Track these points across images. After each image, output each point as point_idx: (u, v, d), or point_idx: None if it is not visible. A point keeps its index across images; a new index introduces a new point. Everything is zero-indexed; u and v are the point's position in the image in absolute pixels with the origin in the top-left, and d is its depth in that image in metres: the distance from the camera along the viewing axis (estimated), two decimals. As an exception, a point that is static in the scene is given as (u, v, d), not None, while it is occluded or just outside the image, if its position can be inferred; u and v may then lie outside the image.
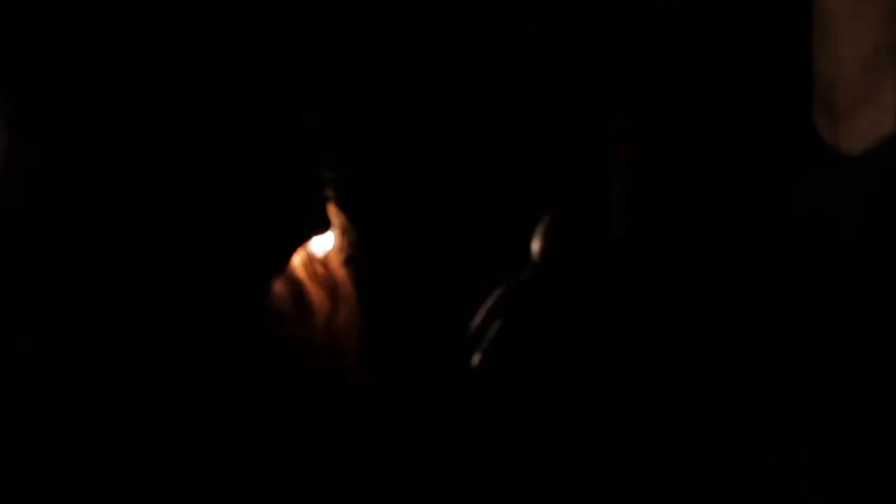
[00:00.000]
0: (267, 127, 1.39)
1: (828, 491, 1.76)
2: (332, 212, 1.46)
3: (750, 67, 2.18)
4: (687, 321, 2.06)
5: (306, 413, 1.46)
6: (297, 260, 1.40)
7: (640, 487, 2.02)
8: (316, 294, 1.35)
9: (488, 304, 1.53)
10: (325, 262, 1.40)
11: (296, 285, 1.38)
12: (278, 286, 1.37)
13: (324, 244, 1.47)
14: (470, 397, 1.46)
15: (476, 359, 1.47)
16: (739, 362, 2.05)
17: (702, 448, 2.03)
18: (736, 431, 2.02)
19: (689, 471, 2.03)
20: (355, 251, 1.46)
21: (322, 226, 1.39)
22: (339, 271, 1.42)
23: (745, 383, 2.05)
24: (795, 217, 1.90)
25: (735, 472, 2.00)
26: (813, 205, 1.84)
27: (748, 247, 2.02)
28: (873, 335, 1.75)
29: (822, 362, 1.85)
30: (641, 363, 2.03)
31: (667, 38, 2.70)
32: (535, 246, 1.55)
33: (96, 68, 1.35)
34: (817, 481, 1.80)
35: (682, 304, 2.04)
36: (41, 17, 1.32)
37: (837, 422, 1.80)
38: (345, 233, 1.48)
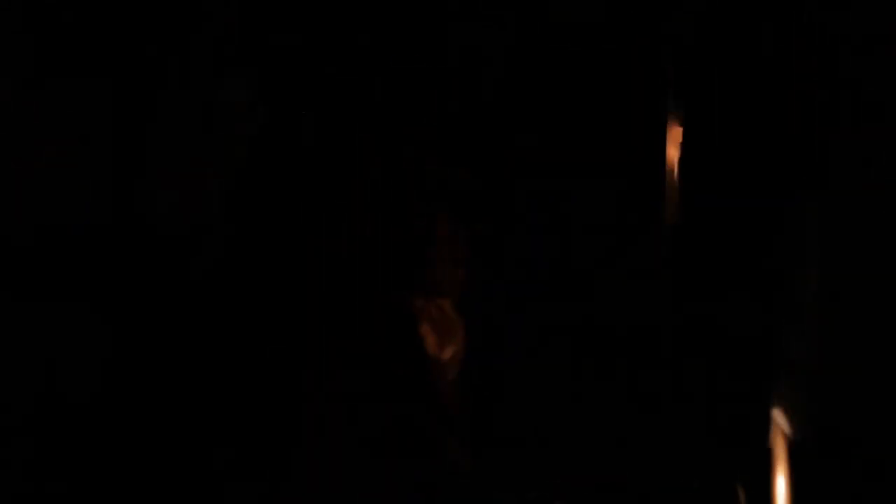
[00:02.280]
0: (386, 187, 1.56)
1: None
2: (454, 250, 1.55)
3: (752, 70, 2.17)
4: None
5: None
6: (417, 302, 1.53)
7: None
8: (427, 335, 1.50)
9: None
10: (440, 304, 1.55)
11: (409, 327, 1.51)
12: (392, 325, 1.50)
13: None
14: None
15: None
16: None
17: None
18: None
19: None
20: (471, 288, 1.55)
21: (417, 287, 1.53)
22: (451, 313, 1.55)
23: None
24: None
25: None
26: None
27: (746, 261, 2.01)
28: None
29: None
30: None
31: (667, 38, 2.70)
32: None
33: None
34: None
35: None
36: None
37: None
38: (463, 271, 1.59)
